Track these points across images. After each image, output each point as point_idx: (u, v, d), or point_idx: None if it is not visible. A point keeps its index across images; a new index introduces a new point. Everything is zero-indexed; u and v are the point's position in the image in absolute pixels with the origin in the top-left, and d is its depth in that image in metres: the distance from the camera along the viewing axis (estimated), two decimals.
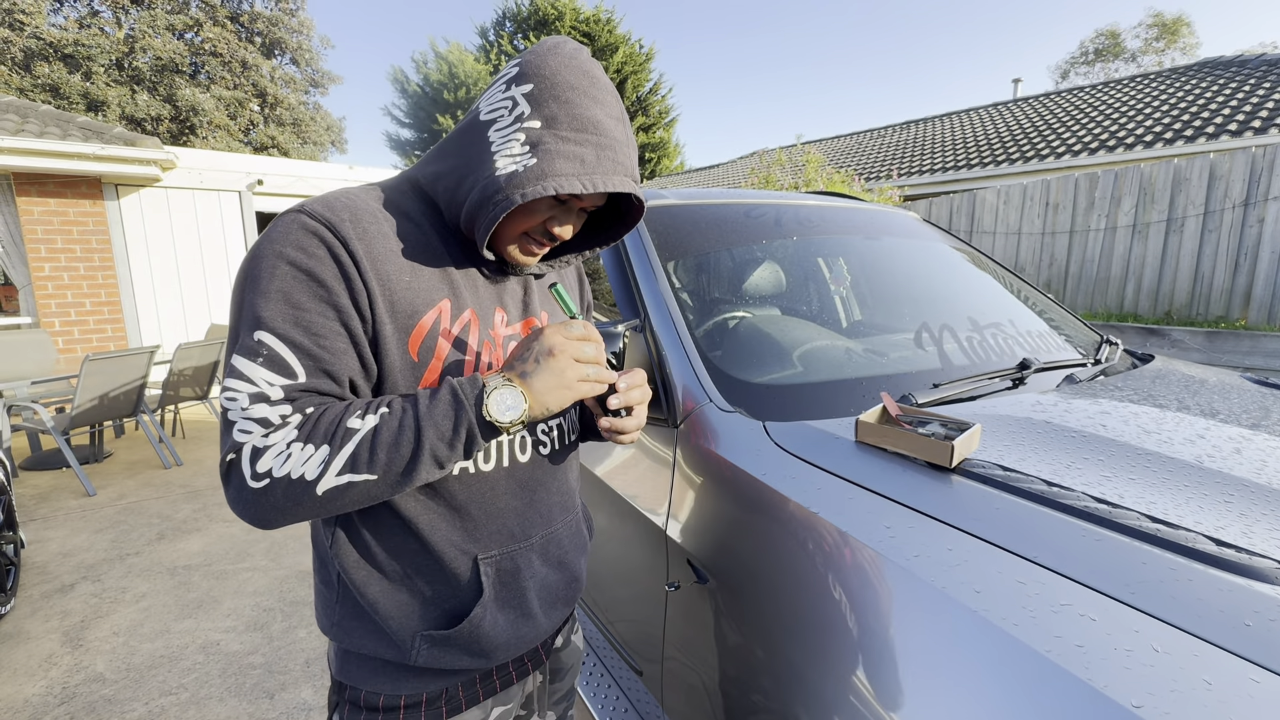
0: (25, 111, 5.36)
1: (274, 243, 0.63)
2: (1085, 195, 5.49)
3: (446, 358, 0.69)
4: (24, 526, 3.18)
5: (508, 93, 0.68)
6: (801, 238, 1.64)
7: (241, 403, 0.60)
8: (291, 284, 0.61)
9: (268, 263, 0.62)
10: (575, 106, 0.67)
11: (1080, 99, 10.60)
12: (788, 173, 7.98)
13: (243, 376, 0.60)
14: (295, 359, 0.61)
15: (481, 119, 0.69)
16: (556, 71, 0.67)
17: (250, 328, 0.61)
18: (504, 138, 0.66)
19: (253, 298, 0.61)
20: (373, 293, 0.64)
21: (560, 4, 17.77)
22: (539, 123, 0.66)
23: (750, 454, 0.98)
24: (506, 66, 0.71)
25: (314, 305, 0.62)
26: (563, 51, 0.69)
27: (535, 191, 0.64)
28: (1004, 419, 1.04)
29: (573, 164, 0.65)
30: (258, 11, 19.94)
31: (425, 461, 0.61)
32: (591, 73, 0.69)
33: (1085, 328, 1.79)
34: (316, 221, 0.63)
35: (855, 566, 0.76)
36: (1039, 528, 0.72)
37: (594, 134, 0.67)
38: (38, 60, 16.41)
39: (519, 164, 0.65)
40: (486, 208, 0.66)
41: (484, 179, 0.66)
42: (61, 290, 5.41)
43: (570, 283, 0.91)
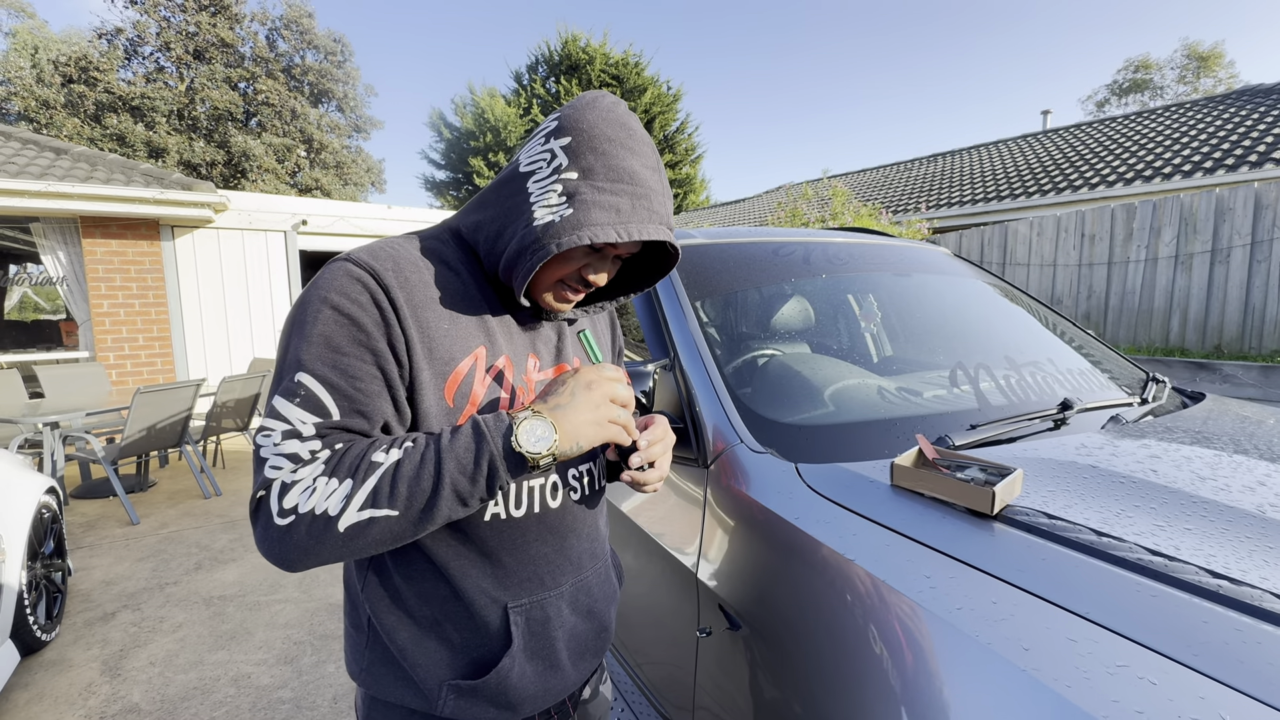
0: (94, 160, 5.77)
1: (320, 289, 0.65)
2: (1123, 226, 5.37)
3: (481, 402, 0.70)
4: (71, 554, 3.29)
5: (546, 145, 0.70)
6: (831, 275, 1.64)
7: (274, 439, 0.62)
8: (333, 328, 0.63)
9: (313, 309, 0.64)
10: (611, 158, 0.68)
11: (1114, 129, 10.47)
12: (814, 207, 8.02)
13: (279, 416, 0.62)
14: (330, 399, 0.62)
15: (521, 170, 0.71)
16: (594, 125, 0.69)
17: (292, 370, 0.63)
18: (542, 189, 0.68)
19: (297, 342, 0.64)
20: (411, 339, 0.66)
21: (591, 49, 18.49)
22: (576, 174, 0.67)
23: (783, 496, 0.97)
24: (547, 120, 0.74)
25: (352, 349, 0.63)
26: (600, 105, 0.71)
27: (571, 241, 0.66)
28: (1046, 462, 1.01)
29: (608, 214, 0.67)
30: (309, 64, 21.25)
31: (446, 496, 0.60)
32: (628, 124, 0.71)
33: (1130, 364, 1.74)
34: (361, 269, 0.65)
35: (894, 618, 0.74)
36: (1089, 581, 0.69)
37: (629, 184, 0.68)
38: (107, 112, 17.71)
39: (556, 214, 0.67)
40: (524, 257, 0.68)
41: (522, 229, 0.68)
42: (117, 326, 5.70)
43: (602, 328, 0.92)
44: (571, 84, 18.32)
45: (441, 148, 20.40)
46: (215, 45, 19.10)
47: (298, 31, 21.04)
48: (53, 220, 5.44)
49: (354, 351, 0.63)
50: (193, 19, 18.69)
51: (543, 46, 19.21)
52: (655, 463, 0.76)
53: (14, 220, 5.63)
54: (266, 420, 0.63)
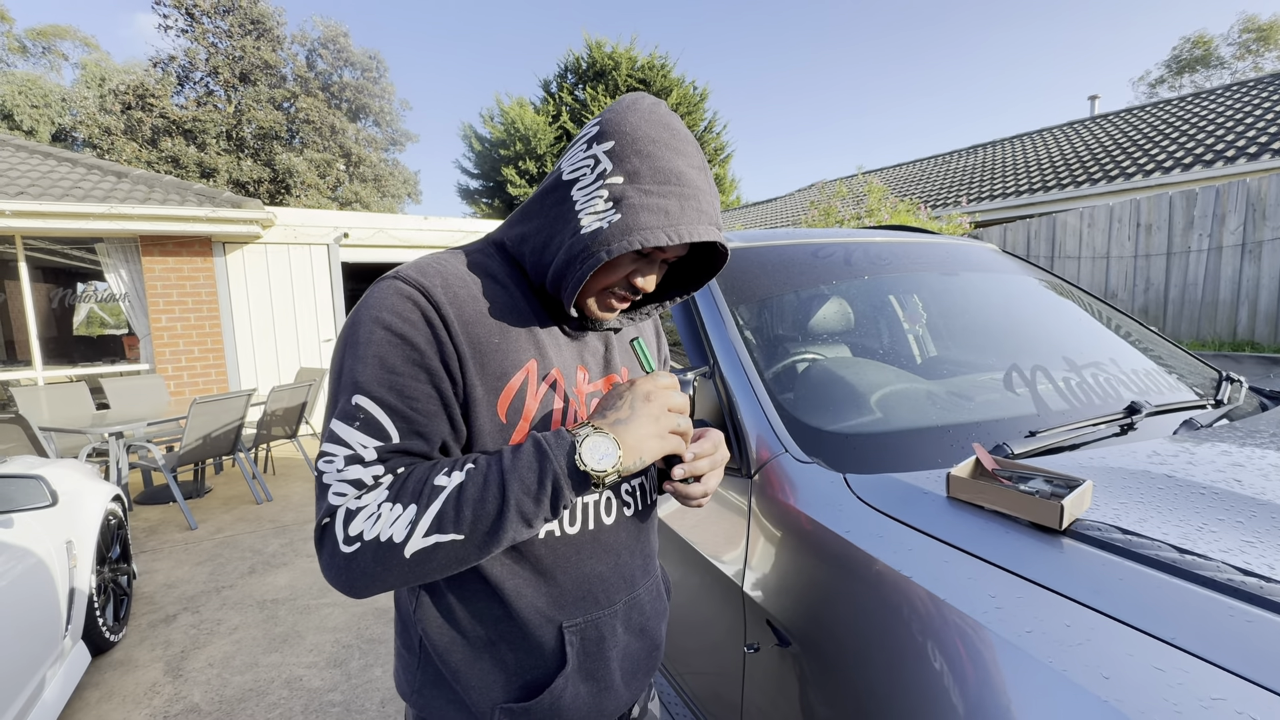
0: (152, 182, 6.07)
1: (371, 309, 0.64)
2: (1182, 214, 5.09)
3: (534, 417, 0.69)
4: (135, 558, 3.46)
5: (589, 151, 0.68)
6: (873, 276, 1.59)
7: (337, 464, 0.61)
8: (387, 348, 0.62)
9: (365, 329, 0.63)
10: (656, 159, 0.66)
11: (1168, 112, 9.95)
12: (849, 204, 7.86)
13: (340, 440, 0.62)
14: (389, 421, 0.62)
15: (565, 179, 0.69)
16: (636, 126, 0.67)
17: (348, 392, 0.63)
18: (587, 196, 0.67)
19: (351, 363, 0.63)
20: (463, 356, 0.65)
21: (617, 54, 18.57)
22: (621, 178, 0.66)
23: (831, 508, 0.94)
24: (587, 125, 0.72)
25: (408, 369, 0.63)
26: (641, 106, 0.69)
27: (621, 247, 0.64)
28: (1115, 472, 0.95)
29: (657, 216, 0.65)
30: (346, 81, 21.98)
31: (511, 518, 0.60)
32: (670, 124, 0.69)
33: (1199, 363, 1.63)
34: (411, 287, 0.65)
35: (956, 640, 0.70)
36: (1174, 604, 0.64)
37: (676, 185, 0.66)
38: (163, 136, 18.68)
39: (603, 220, 0.65)
40: (574, 266, 0.66)
41: (570, 238, 0.67)
42: (175, 339, 5.99)
43: (648, 336, 0.91)
44: (599, 90, 18.43)
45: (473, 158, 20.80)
46: (259, 67, 19.95)
47: (334, 50, 21.80)
48: (115, 240, 5.75)
49: (409, 371, 0.63)
50: (238, 44, 19.56)
51: (569, 55, 19.39)
52: (702, 477, 0.73)
53: (81, 241, 5.97)
54: (327, 445, 0.63)
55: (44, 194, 5.24)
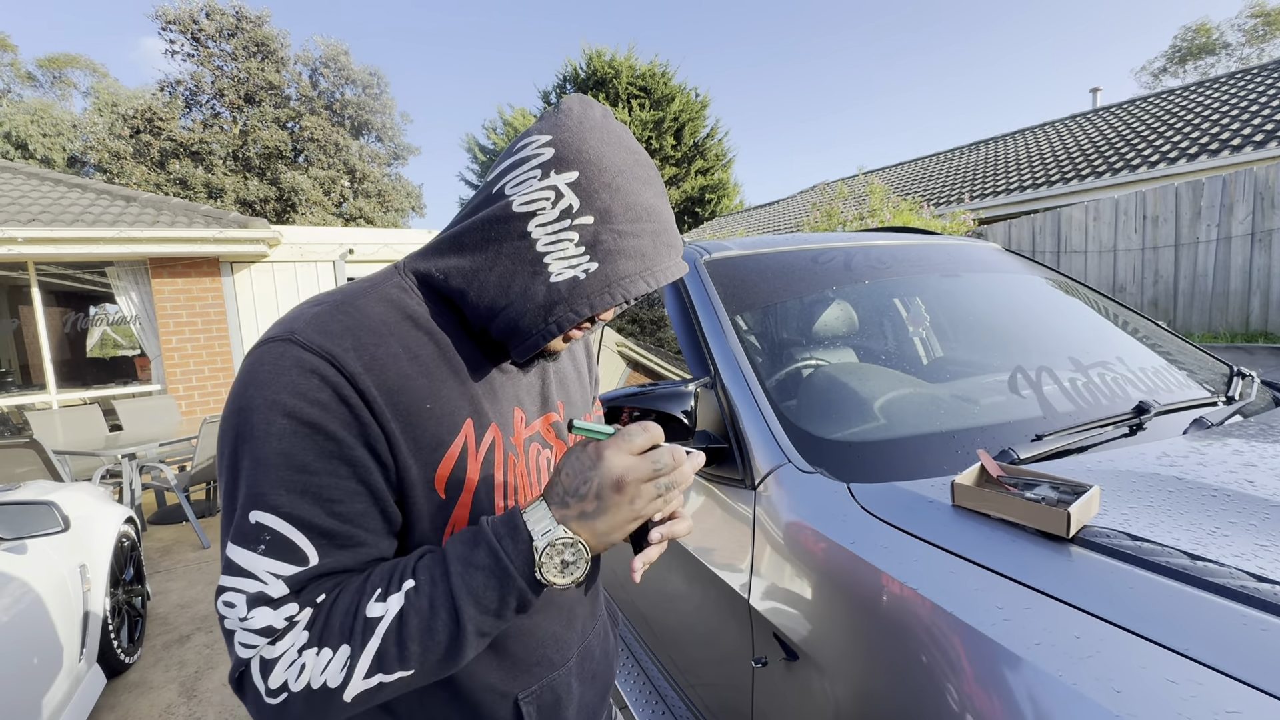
0: (160, 205, 6.16)
1: (264, 389, 0.51)
2: (1190, 205, 5.04)
3: (477, 488, 0.61)
4: (149, 579, 3.48)
5: (547, 181, 0.58)
6: (874, 281, 1.59)
7: (240, 610, 0.50)
8: (293, 442, 0.50)
9: (259, 417, 0.51)
10: (627, 194, 0.59)
11: (1172, 102, 9.88)
12: (850, 205, 7.84)
13: (241, 571, 0.50)
14: (305, 539, 0.51)
15: (516, 210, 0.58)
16: (600, 154, 0.59)
17: (246, 506, 0.51)
18: (553, 237, 0.58)
19: (248, 467, 0.51)
20: (392, 435, 0.55)
21: (616, 62, 18.69)
22: (592, 218, 0.57)
23: (836, 520, 0.93)
24: (532, 141, 0.60)
25: (324, 465, 0.51)
26: (598, 125, 0.61)
27: (604, 303, 0.58)
28: (1124, 475, 0.94)
29: (634, 262, 0.59)
30: (348, 98, 22.26)
31: (469, 640, 0.52)
32: (630, 145, 0.62)
33: (1209, 358, 1.61)
34: (314, 355, 0.52)
35: (963, 653, 0.69)
36: (1186, 613, 0.63)
37: (649, 221, 0.60)
38: (171, 158, 18.98)
39: (578, 270, 0.58)
40: (547, 320, 0.59)
41: (542, 287, 0.58)
42: (185, 359, 6.05)
43: (579, 353, 0.86)
44: (599, 98, 18.54)
45: (477, 169, 20.96)
46: (264, 88, 20.24)
47: (336, 68, 22.09)
48: (125, 263, 5.84)
49: (326, 468, 0.51)
50: (243, 66, 19.87)
51: (568, 64, 19.55)
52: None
53: (92, 265, 6.06)
54: (226, 579, 0.51)
55: (55, 220, 5.33)
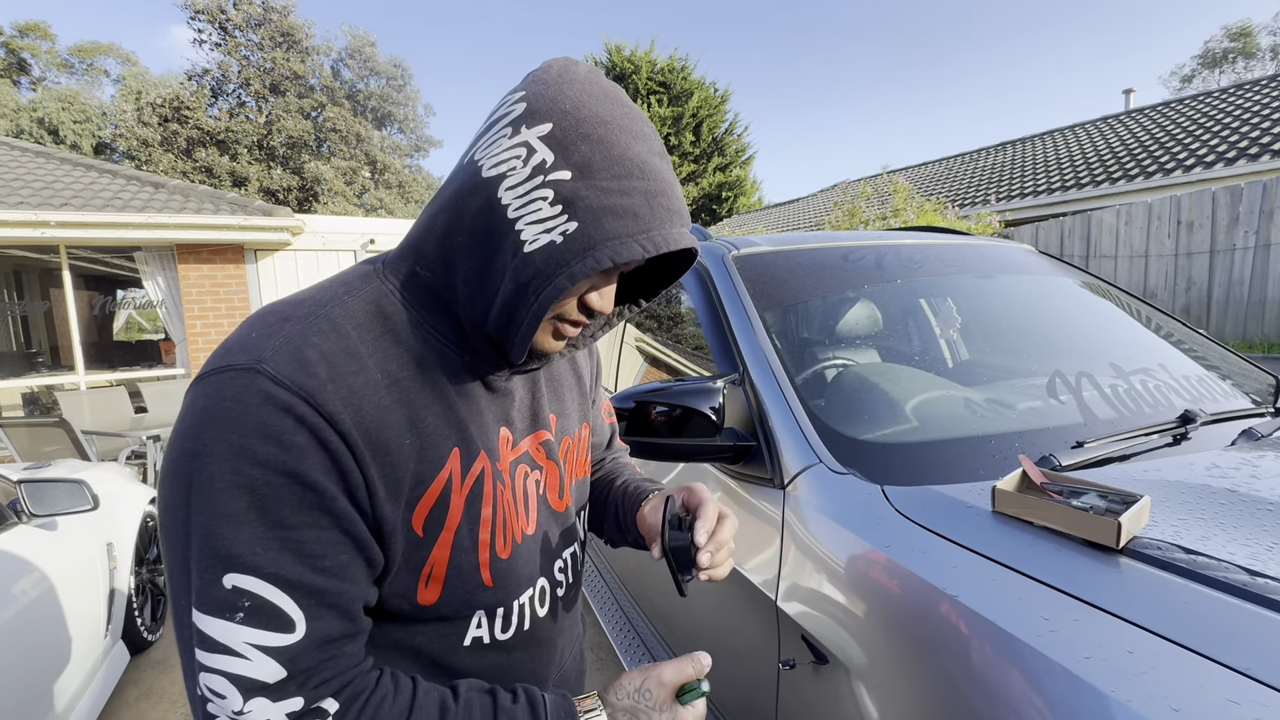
0: (187, 191, 6.26)
1: (227, 429, 0.43)
2: (1226, 210, 4.90)
3: (459, 527, 0.55)
4: None
5: (517, 137, 0.50)
6: (906, 280, 1.55)
7: (234, 703, 0.42)
8: (267, 494, 0.44)
9: (223, 464, 0.43)
10: (612, 146, 0.50)
11: (1209, 105, 9.61)
12: (873, 204, 7.74)
13: (220, 648, 0.43)
14: (290, 601, 0.44)
15: (485, 175, 0.51)
16: (579, 102, 0.51)
17: (216, 569, 0.43)
18: (524, 199, 0.49)
19: (211, 524, 0.43)
20: (371, 480, 0.48)
21: (636, 57, 18.62)
22: (568, 173, 0.49)
23: (870, 522, 0.91)
24: (506, 100, 0.53)
25: (302, 518, 0.45)
26: (578, 75, 0.53)
27: (586, 267, 0.49)
28: (1172, 486, 0.91)
29: (624, 221, 0.50)
30: (372, 90, 22.45)
31: None
32: (619, 98, 0.53)
33: (1253, 367, 1.55)
34: (286, 390, 0.45)
35: (1006, 665, 0.67)
36: (1248, 631, 0.60)
37: (640, 178, 0.51)
38: (197, 146, 19.30)
39: (554, 232, 0.49)
40: (524, 299, 0.50)
41: (511, 262, 0.50)
42: (209, 345, 6.15)
43: (580, 361, 0.79)
44: None
45: None
46: (289, 78, 20.49)
47: (361, 60, 22.29)
48: (152, 248, 5.94)
49: (306, 521, 0.45)
50: (269, 55, 20.12)
51: (588, 59, 19.52)
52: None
53: (120, 249, 6.18)
54: (203, 655, 0.43)
55: (86, 205, 5.44)
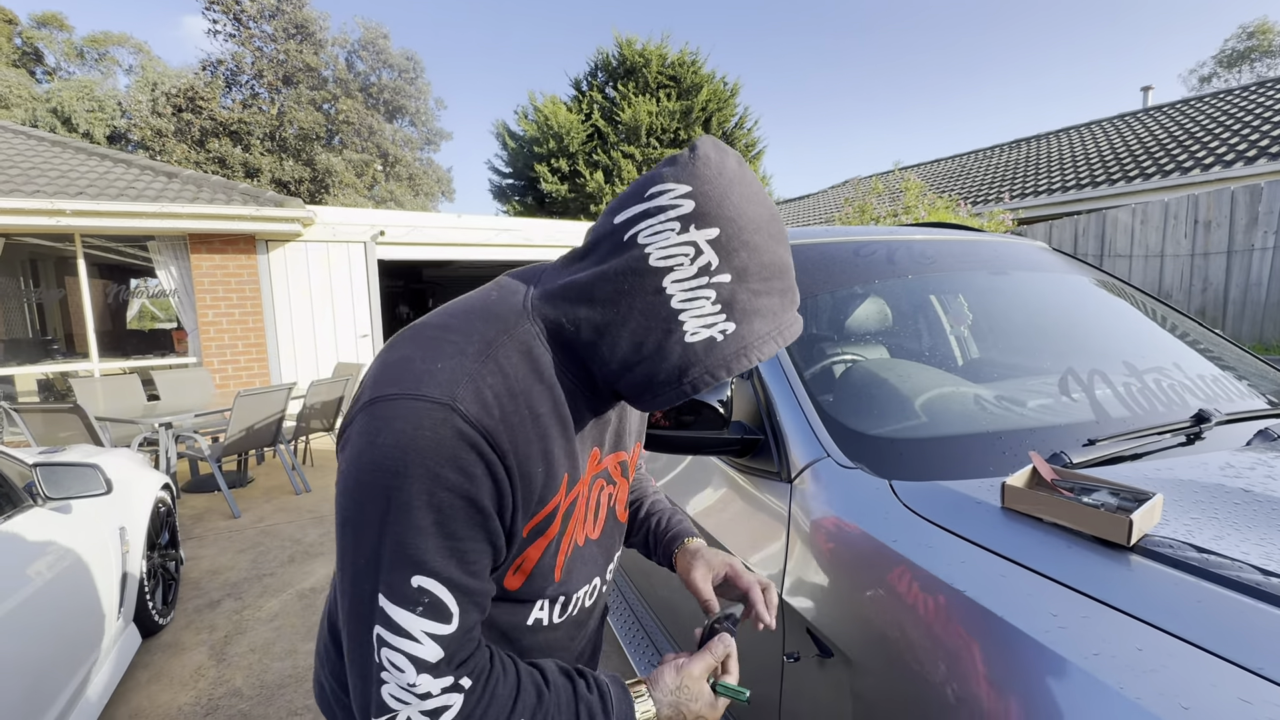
0: (200, 182, 6.31)
1: (426, 457, 0.53)
2: (1245, 210, 4.82)
3: (555, 534, 0.66)
4: (183, 545, 3.60)
5: (686, 235, 0.57)
6: (917, 275, 1.54)
7: (408, 676, 0.54)
8: (450, 514, 0.54)
9: (421, 487, 0.53)
10: (763, 252, 0.59)
11: (1228, 103, 9.44)
12: (884, 201, 7.68)
13: (403, 633, 0.54)
14: (453, 600, 0.55)
15: (652, 264, 0.57)
16: (740, 209, 0.58)
17: (406, 569, 0.54)
18: (690, 294, 0.57)
19: (405, 533, 0.53)
20: (515, 502, 0.59)
21: (647, 51, 18.53)
22: (729, 276, 0.57)
23: (877, 517, 0.91)
24: (668, 190, 0.58)
25: (469, 532, 0.56)
26: (736, 178, 0.59)
27: (740, 366, 0.59)
28: (1185, 485, 0.89)
29: (766, 321, 0.60)
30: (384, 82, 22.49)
31: None
32: (764, 198, 0.61)
33: (1271, 369, 1.53)
34: (475, 430, 0.54)
35: (1013, 660, 0.66)
36: (1261, 630, 0.60)
37: (779, 278, 0.61)
38: (210, 137, 19.42)
39: (714, 330, 0.58)
40: (680, 381, 0.59)
41: (676, 346, 0.58)
42: (221, 334, 6.21)
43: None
44: (628, 87, 18.42)
45: (506, 156, 21.05)
46: (302, 70, 20.56)
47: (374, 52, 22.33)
48: (166, 238, 5.99)
49: (470, 535, 0.56)
50: (282, 47, 20.20)
51: (600, 53, 19.43)
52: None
53: (134, 238, 6.24)
54: (383, 631, 0.54)
55: (101, 194, 5.49)
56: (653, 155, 18.30)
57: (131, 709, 2.13)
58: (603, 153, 18.78)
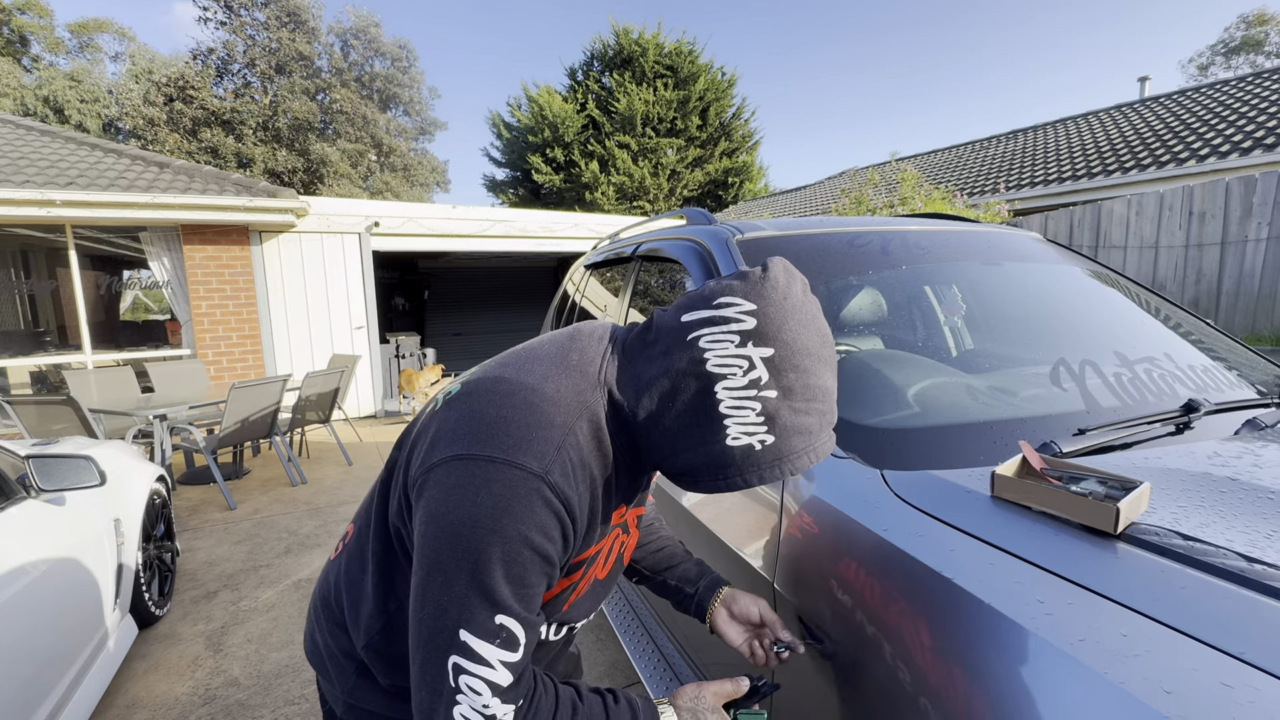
0: (192, 172, 6.25)
1: (519, 521, 0.61)
2: (1240, 201, 4.83)
3: (580, 576, 0.77)
4: (179, 537, 3.60)
5: (742, 349, 0.64)
6: (911, 266, 1.54)
7: (484, 698, 0.61)
8: (529, 567, 0.63)
9: (513, 546, 0.61)
10: (810, 375, 0.65)
11: (1224, 94, 9.43)
12: (881, 192, 7.66)
13: (483, 661, 0.61)
14: (522, 631, 0.63)
15: (709, 369, 0.65)
16: (796, 335, 0.65)
17: (490, 609, 0.61)
18: (737, 402, 0.64)
19: (492, 581, 0.61)
20: (569, 553, 0.69)
21: (644, 40, 18.38)
22: (776, 393, 0.64)
23: (868, 506, 0.91)
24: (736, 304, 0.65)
25: (539, 580, 0.65)
26: (798, 305, 0.66)
27: (773, 476, 0.66)
28: (1172, 474, 0.90)
29: (802, 439, 0.66)
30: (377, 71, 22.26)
31: None
32: (821, 326, 0.68)
33: (1260, 359, 1.54)
34: (559, 500, 0.64)
35: (1001, 646, 0.67)
36: (1244, 616, 0.61)
37: (821, 402, 0.67)
38: (202, 127, 19.20)
39: (754, 439, 0.64)
40: (716, 477, 0.67)
41: (717, 445, 0.65)
42: (215, 325, 6.18)
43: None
44: (625, 77, 18.27)
45: (501, 146, 20.90)
46: (295, 59, 20.32)
47: (366, 40, 22.08)
48: (158, 229, 5.95)
49: (540, 581, 0.65)
50: (275, 35, 19.94)
51: (596, 41, 19.26)
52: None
53: (125, 229, 6.18)
54: (463, 660, 0.61)
55: (91, 184, 5.43)
56: (648, 145, 18.20)
57: (129, 699, 2.14)
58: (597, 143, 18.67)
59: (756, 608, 0.91)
